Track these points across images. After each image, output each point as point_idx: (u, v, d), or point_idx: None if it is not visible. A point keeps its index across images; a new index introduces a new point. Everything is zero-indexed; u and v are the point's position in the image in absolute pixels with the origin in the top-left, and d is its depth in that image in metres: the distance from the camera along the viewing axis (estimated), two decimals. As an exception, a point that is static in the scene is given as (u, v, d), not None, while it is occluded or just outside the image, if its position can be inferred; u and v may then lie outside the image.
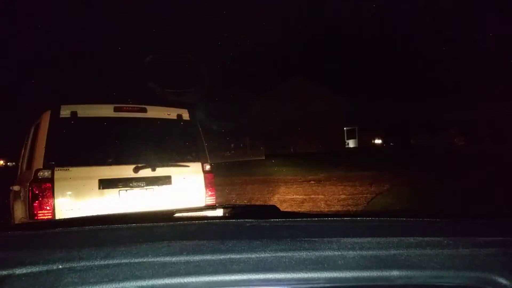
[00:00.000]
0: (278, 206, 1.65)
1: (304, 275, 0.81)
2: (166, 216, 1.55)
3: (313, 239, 0.95)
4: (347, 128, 39.33)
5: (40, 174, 3.48)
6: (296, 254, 0.87)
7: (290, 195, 10.06)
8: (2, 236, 1.17)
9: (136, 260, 0.84)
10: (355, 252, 0.88)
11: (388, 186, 10.77)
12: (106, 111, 4.02)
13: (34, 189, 3.44)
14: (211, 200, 4.28)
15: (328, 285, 0.82)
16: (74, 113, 3.78)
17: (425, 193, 9.54)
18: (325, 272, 0.81)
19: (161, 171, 4.01)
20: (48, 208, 3.44)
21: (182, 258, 0.85)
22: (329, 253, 0.88)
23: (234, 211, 1.57)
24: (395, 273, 0.82)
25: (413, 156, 21.32)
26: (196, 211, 1.95)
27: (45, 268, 0.81)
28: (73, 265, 0.82)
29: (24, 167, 4.32)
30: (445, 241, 0.95)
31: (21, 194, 3.92)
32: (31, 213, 3.43)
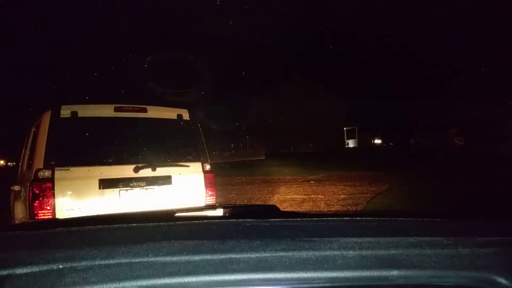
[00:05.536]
0: (278, 206, 1.65)
1: (304, 275, 0.81)
2: (166, 216, 1.55)
3: (313, 239, 0.95)
4: (347, 128, 39.33)
5: (41, 174, 3.48)
6: (296, 254, 0.87)
7: (290, 195, 10.06)
8: (2, 236, 1.17)
9: (137, 260, 0.84)
10: (355, 252, 0.88)
11: (388, 186, 10.77)
12: (106, 111, 4.03)
13: (34, 189, 3.44)
14: (211, 200, 4.28)
15: (328, 284, 0.82)
16: (74, 113, 3.78)
17: (425, 193, 9.54)
18: (325, 272, 0.81)
19: (161, 171, 4.01)
20: (48, 208, 3.45)
21: (182, 258, 0.85)
22: (329, 253, 0.88)
23: (234, 211, 1.57)
24: (395, 272, 0.83)
25: (412, 156, 21.32)
26: (196, 211, 1.95)
27: (45, 267, 0.81)
28: (74, 264, 0.82)
29: (25, 167, 4.32)
30: (445, 241, 0.95)
31: (21, 194, 3.92)
32: (31, 212, 3.43)
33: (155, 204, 3.88)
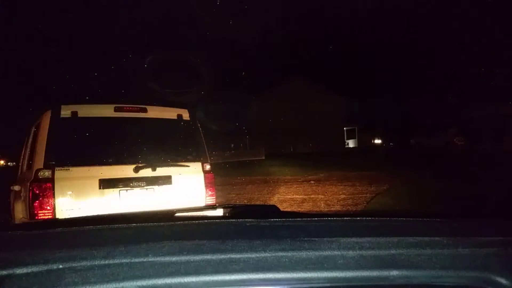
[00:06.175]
0: (278, 206, 1.64)
1: (304, 275, 0.81)
2: (166, 216, 1.55)
3: (313, 239, 0.95)
4: (347, 128, 39.35)
5: (41, 173, 3.48)
6: (296, 254, 0.87)
7: (290, 195, 10.06)
8: (2, 236, 1.17)
9: (137, 260, 0.84)
10: (355, 252, 0.88)
11: (388, 186, 10.77)
12: (106, 111, 4.02)
13: (34, 189, 3.44)
14: (211, 200, 4.28)
15: (328, 284, 0.82)
16: (74, 113, 3.78)
17: (425, 193, 9.55)
18: (325, 272, 0.81)
19: (161, 171, 4.01)
20: (48, 208, 3.45)
21: (182, 258, 0.85)
22: (329, 253, 0.88)
23: (234, 211, 1.57)
24: (394, 273, 0.83)
25: (412, 156, 21.33)
26: (196, 211, 1.95)
27: (45, 267, 0.81)
28: (74, 264, 0.82)
29: (25, 167, 4.32)
30: (445, 241, 0.95)
31: (21, 194, 3.92)
32: (31, 213, 3.43)
33: (155, 204, 3.88)
